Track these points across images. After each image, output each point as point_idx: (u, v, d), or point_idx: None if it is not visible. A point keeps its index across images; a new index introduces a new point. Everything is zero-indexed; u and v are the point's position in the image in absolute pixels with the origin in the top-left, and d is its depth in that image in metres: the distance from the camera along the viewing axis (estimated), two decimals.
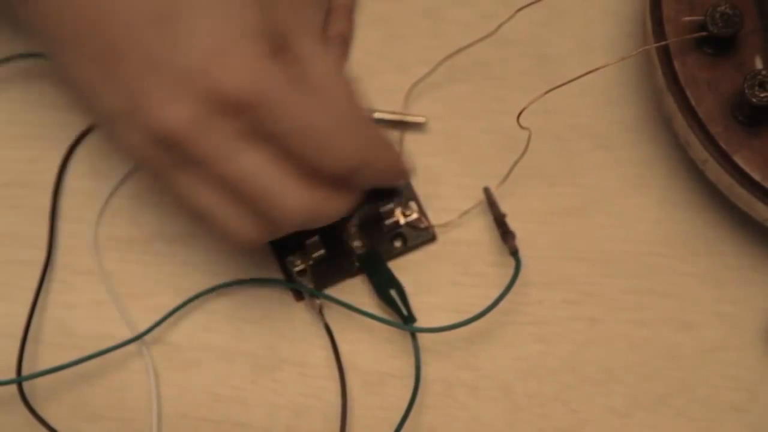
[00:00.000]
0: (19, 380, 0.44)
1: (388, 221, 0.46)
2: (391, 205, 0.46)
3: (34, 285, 0.46)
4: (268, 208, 0.39)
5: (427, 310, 0.46)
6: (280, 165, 0.38)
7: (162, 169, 0.38)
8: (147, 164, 0.39)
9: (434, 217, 0.47)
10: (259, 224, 0.39)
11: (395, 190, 0.46)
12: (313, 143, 0.38)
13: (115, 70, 0.38)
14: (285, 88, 0.37)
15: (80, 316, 0.46)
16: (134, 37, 0.37)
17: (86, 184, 0.48)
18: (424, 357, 0.45)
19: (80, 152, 0.48)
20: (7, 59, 0.48)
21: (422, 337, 0.45)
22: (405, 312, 0.45)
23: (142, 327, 0.45)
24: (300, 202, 0.39)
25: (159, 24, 0.37)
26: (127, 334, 0.45)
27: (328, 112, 0.39)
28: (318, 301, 0.45)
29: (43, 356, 0.46)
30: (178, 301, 0.45)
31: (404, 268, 0.46)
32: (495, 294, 0.43)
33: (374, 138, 0.41)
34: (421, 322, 0.45)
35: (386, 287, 0.45)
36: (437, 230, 0.47)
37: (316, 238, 0.45)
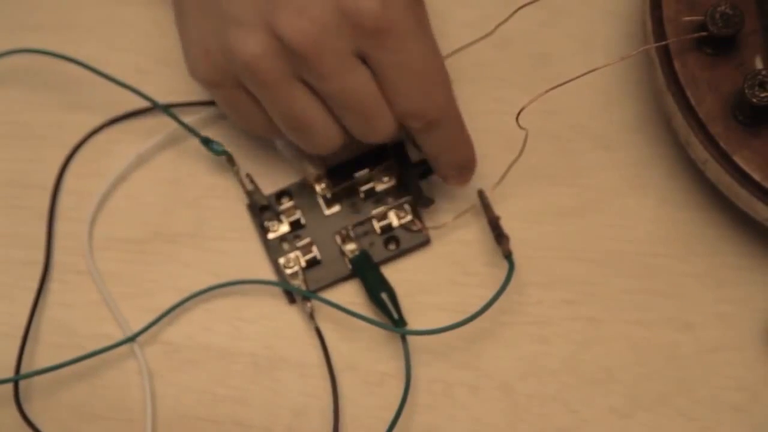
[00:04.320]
0: (14, 379, 0.44)
1: (382, 223, 0.46)
2: (382, 209, 0.46)
3: (33, 285, 0.46)
4: (362, 124, 0.42)
5: (424, 311, 0.46)
6: (378, 91, 0.42)
7: (274, 79, 0.41)
8: (257, 75, 0.41)
9: (430, 219, 0.47)
10: (345, 134, 0.43)
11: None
12: (413, 82, 0.41)
13: None
14: (410, 25, 0.41)
15: (79, 316, 0.46)
16: None
17: (84, 184, 0.48)
18: (424, 357, 0.45)
19: (79, 153, 0.48)
20: (6, 53, 0.48)
21: (421, 338, 0.45)
22: (395, 315, 0.45)
23: (138, 327, 0.45)
24: (389, 129, 0.42)
25: None
26: (125, 334, 0.45)
27: (435, 64, 0.42)
28: (309, 304, 0.45)
29: (42, 356, 0.46)
30: (175, 301, 0.45)
31: (402, 269, 0.46)
32: (493, 294, 0.43)
33: (456, 111, 0.44)
34: (419, 323, 0.45)
35: (377, 290, 0.45)
36: (434, 232, 0.47)
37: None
